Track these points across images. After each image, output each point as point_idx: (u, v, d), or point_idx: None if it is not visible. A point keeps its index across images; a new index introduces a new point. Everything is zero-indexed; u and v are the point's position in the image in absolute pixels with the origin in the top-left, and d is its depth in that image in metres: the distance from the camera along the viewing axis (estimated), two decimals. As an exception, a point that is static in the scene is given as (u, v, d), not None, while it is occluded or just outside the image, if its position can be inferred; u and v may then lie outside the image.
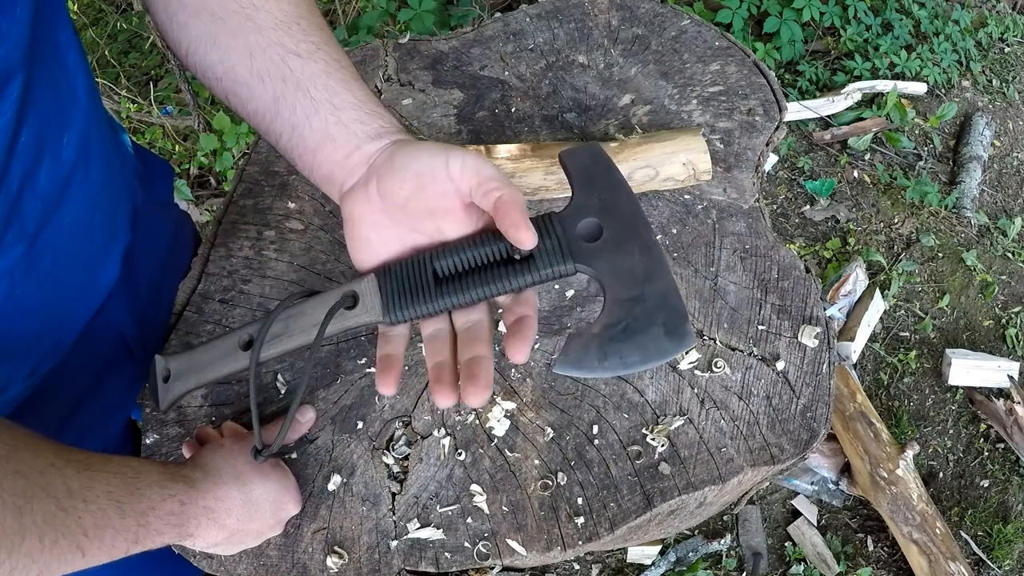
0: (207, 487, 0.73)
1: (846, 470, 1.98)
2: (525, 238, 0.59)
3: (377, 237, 0.66)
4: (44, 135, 0.64)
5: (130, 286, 0.87)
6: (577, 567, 1.89)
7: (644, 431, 0.85)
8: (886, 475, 1.86)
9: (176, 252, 0.99)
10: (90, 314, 0.80)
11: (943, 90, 2.74)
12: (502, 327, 0.91)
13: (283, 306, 0.69)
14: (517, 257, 0.62)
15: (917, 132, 2.64)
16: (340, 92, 0.67)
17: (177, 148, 2.48)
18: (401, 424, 0.87)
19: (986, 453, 2.08)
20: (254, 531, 0.77)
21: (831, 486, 2.00)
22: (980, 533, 1.97)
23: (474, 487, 0.84)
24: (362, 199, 0.66)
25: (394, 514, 0.83)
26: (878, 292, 2.22)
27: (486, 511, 0.82)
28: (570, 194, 0.65)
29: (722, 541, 1.91)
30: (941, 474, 2.05)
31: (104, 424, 0.89)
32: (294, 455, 0.86)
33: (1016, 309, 2.30)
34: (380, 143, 0.66)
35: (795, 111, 2.51)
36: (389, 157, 0.65)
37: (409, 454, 0.86)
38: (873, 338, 2.22)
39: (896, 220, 2.45)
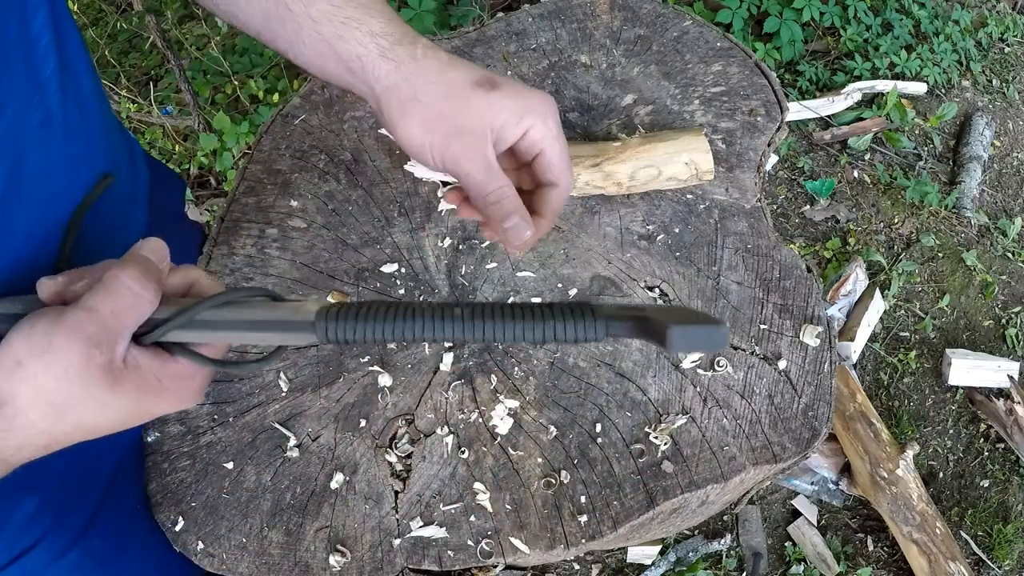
0: None
1: (846, 470, 1.98)
2: (515, 239, 0.61)
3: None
4: None
5: None
6: (577, 567, 1.89)
7: (647, 429, 0.86)
8: (886, 475, 1.86)
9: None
10: None
11: (943, 90, 2.74)
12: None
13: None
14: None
15: (917, 132, 2.65)
16: (316, 1, 0.61)
17: (177, 148, 2.47)
18: (404, 422, 0.87)
19: (986, 453, 2.08)
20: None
21: (831, 486, 2.00)
22: (980, 533, 1.97)
23: (477, 485, 0.84)
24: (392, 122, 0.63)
25: (397, 512, 0.83)
26: (878, 292, 2.22)
27: (489, 509, 0.82)
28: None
29: (722, 541, 1.91)
30: (941, 474, 2.05)
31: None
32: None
33: (1016, 309, 2.30)
34: (365, 75, 0.62)
35: (795, 111, 2.52)
36: (380, 113, 0.63)
37: (412, 452, 0.86)
38: (873, 338, 2.22)
39: (896, 220, 2.45)
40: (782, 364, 0.90)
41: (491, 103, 0.62)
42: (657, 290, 0.94)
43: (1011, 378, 2.07)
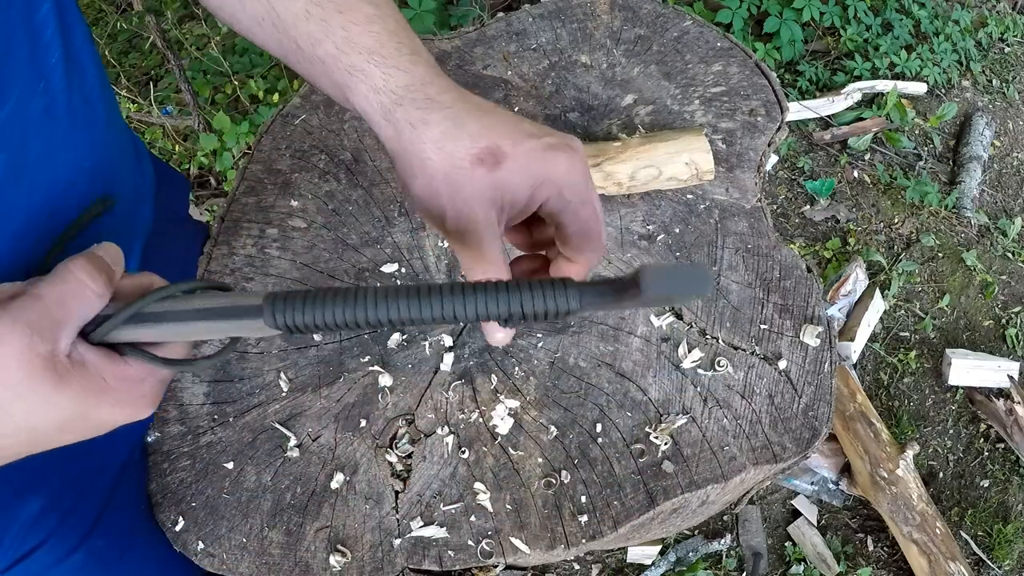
0: None
1: (846, 470, 1.98)
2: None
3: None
4: None
5: None
6: (577, 567, 1.89)
7: (647, 429, 0.86)
8: (886, 475, 1.86)
9: (191, 272, 0.98)
10: None
11: (943, 90, 2.74)
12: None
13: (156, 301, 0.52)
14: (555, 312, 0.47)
15: (917, 132, 2.65)
16: (322, 41, 0.57)
17: (177, 148, 2.47)
18: (404, 422, 0.87)
19: (986, 453, 2.08)
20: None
21: (831, 486, 2.00)
22: (980, 533, 1.97)
23: (477, 485, 0.84)
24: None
25: (397, 512, 0.83)
26: (878, 292, 2.22)
27: (489, 509, 0.82)
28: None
29: (722, 541, 1.91)
30: (941, 474, 2.05)
31: (129, 430, 0.88)
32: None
33: (1016, 309, 2.30)
34: (381, 136, 0.58)
35: (795, 111, 2.52)
36: (399, 177, 0.58)
37: (412, 452, 0.86)
38: (873, 338, 2.22)
39: (896, 220, 2.45)
40: (782, 364, 0.90)
41: (494, 183, 0.54)
42: (657, 290, 0.94)
43: (1011, 378, 2.07)
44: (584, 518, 0.81)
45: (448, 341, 0.91)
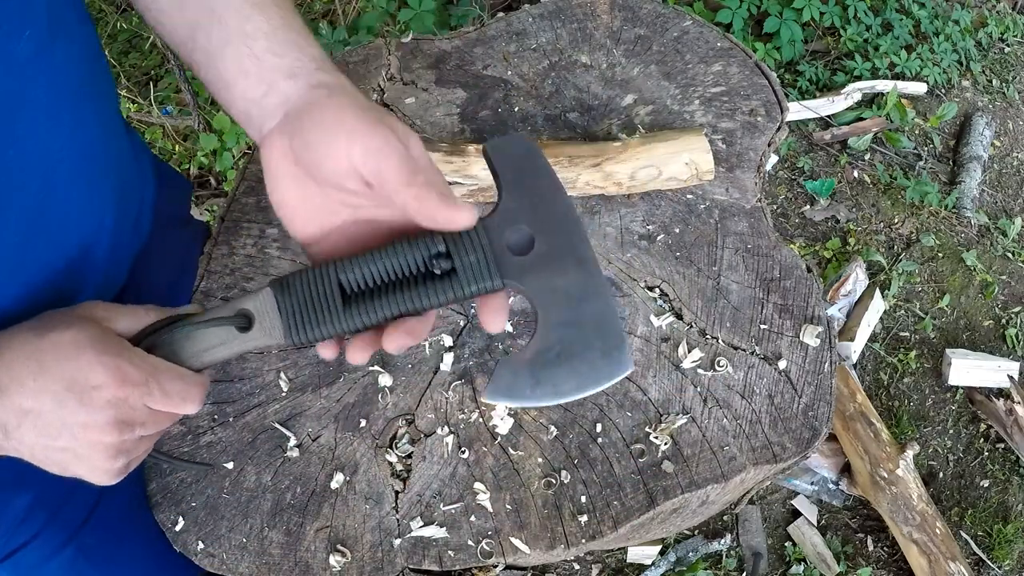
0: None
1: (846, 470, 1.98)
2: (455, 217, 0.54)
3: (302, 201, 0.61)
4: None
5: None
6: (577, 567, 1.89)
7: (647, 429, 0.86)
8: (886, 475, 1.86)
9: (190, 272, 0.98)
10: None
11: (943, 90, 2.74)
12: (509, 327, 0.92)
13: (158, 337, 0.59)
14: (437, 272, 0.56)
15: (917, 132, 2.65)
16: (253, 17, 0.61)
17: (177, 148, 2.47)
18: (404, 422, 0.87)
19: (986, 453, 2.08)
20: (64, 444, 0.57)
21: (831, 486, 2.00)
22: (980, 533, 1.97)
23: (477, 485, 0.84)
24: (278, 149, 0.60)
25: (397, 512, 0.83)
26: (878, 292, 2.22)
27: (489, 509, 0.82)
28: (496, 194, 0.58)
29: (722, 541, 1.91)
30: (941, 474, 2.05)
31: None
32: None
33: (1016, 309, 2.30)
34: (296, 84, 0.60)
35: (795, 111, 2.51)
36: (299, 113, 0.59)
37: (412, 452, 0.86)
38: (873, 338, 2.22)
39: (896, 220, 2.45)
40: (782, 364, 0.90)
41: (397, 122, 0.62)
42: (657, 290, 0.94)
43: (1011, 378, 2.07)
44: (584, 518, 0.81)
45: (448, 341, 0.91)
